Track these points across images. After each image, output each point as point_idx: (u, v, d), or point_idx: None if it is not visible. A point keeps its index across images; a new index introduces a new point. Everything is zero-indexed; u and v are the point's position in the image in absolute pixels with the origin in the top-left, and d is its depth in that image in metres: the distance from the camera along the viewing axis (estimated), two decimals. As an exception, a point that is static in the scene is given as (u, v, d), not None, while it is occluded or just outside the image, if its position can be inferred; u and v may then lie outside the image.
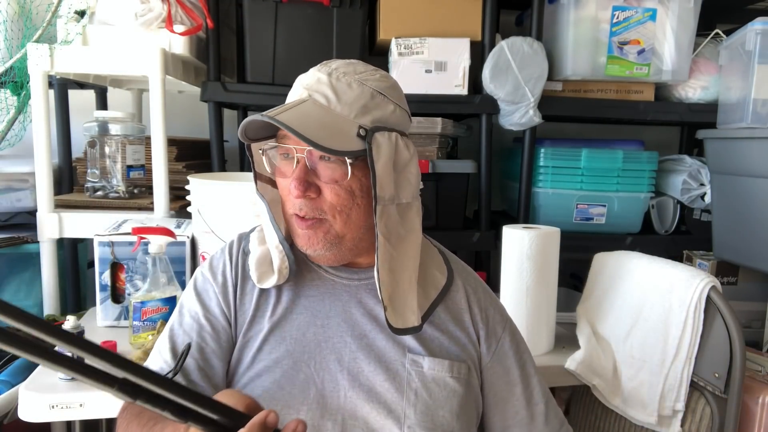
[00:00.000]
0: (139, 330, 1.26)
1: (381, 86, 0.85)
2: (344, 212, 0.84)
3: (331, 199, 0.83)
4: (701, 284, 1.17)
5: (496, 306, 0.97)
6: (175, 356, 0.87)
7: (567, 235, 1.44)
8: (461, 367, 0.89)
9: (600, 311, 1.41)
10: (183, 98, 2.10)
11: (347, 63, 0.87)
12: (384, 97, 0.85)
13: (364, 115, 0.83)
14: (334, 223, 0.84)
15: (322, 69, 0.86)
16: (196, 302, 0.91)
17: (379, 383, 0.85)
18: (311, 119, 0.80)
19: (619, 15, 1.73)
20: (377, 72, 0.88)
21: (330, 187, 0.83)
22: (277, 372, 0.85)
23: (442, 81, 1.71)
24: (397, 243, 0.86)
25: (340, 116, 0.82)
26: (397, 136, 0.86)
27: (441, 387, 0.87)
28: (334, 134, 0.80)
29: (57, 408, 1.06)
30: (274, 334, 0.88)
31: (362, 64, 0.88)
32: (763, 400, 1.15)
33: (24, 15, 1.63)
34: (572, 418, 1.49)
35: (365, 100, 0.84)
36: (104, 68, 1.58)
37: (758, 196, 1.48)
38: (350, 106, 0.83)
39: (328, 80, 0.84)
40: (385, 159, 0.82)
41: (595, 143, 1.87)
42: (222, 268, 0.93)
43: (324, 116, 0.82)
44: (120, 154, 1.68)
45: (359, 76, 0.85)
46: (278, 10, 1.67)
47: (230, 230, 1.33)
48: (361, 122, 0.82)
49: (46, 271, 1.60)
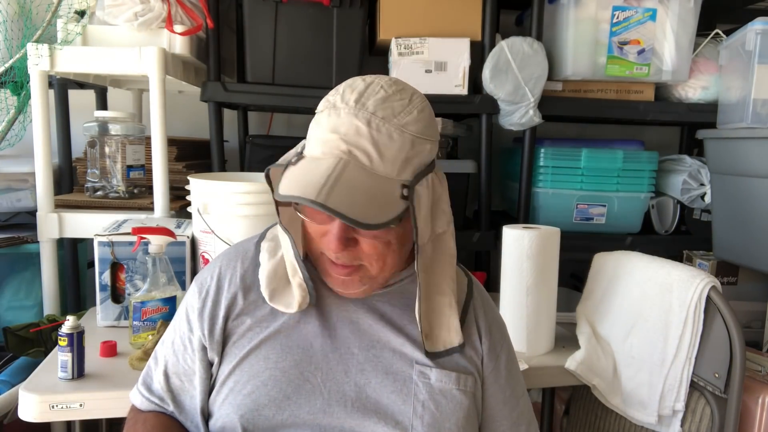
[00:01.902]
0: (139, 330, 1.26)
1: (419, 127, 0.80)
2: (381, 259, 0.83)
3: (368, 250, 0.81)
4: (701, 284, 1.17)
5: (498, 323, 0.97)
6: (166, 378, 0.92)
7: (567, 235, 1.44)
8: (468, 379, 0.89)
9: (600, 311, 1.41)
10: (183, 98, 2.10)
11: (383, 100, 0.79)
12: (423, 140, 0.80)
13: (405, 168, 0.79)
14: (371, 268, 0.83)
15: (360, 114, 0.78)
16: (184, 321, 0.92)
17: (386, 395, 0.86)
18: (358, 192, 0.75)
19: (619, 15, 1.73)
20: (413, 106, 0.81)
21: (368, 241, 0.81)
22: (283, 382, 0.85)
23: (442, 81, 1.71)
24: (433, 271, 0.87)
25: (384, 178, 0.78)
26: (434, 177, 0.84)
27: (448, 399, 0.87)
28: (380, 205, 0.76)
29: (57, 408, 1.06)
30: (281, 342, 0.87)
31: (397, 98, 0.81)
32: (763, 400, 1.15)
33: (24, 15, 1.63)
34: (572, 418, 1.49)
35: (406, 152, 0.79)
36: (104, 68, 1.58)
37: (758, 196, 1.48)
38: (392, 162, 0.78)
39: (368, 133, 0.77)
40: (425, 209, 0.82)
41: (595, 143, 1.87)
42: (213, 282, 0.92)
43: (368, 182, 0.77)
44: (120, 154, 1.68)
45: (398, 119, 0.78)
46: (278, 10, 1.67)
47: (230, 230, 1.33)
48: (402, 178, 0.79)
49: (46, 271, 1.60)
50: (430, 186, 0.83)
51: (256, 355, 0.87)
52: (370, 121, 0.77)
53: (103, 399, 1.07)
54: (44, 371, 1.15)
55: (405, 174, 0.79)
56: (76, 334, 1.10)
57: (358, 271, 0.83)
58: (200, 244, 1.39)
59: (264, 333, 0.88)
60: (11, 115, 1.68)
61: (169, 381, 0.92)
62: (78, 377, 1.11)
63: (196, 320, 0.90)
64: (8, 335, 1.42)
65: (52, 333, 1.43)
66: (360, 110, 0.78)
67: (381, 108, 0.78)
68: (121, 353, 1.24)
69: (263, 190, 1.31)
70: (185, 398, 0.91)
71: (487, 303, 0.97)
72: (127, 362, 1.17)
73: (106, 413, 1.08)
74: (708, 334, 1.17)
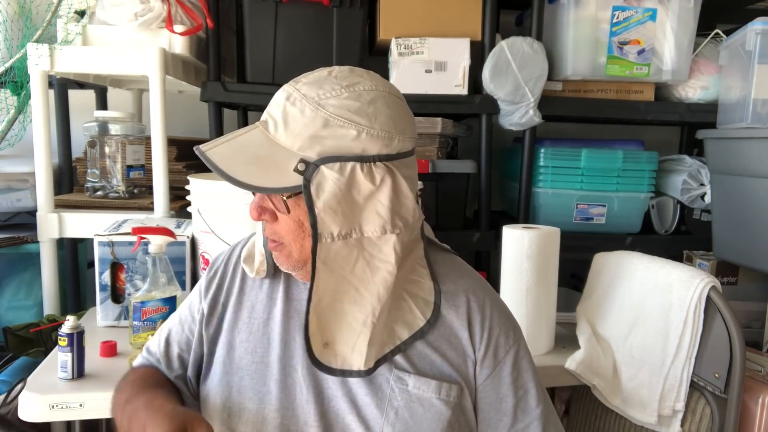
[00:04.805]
0: (139, 330, 1.26)
1: (342, 111, 0.77)
2: (297, 241, 0.82)
3: (283, 226, 0.83)
4: (701, 284, 1.17)
5: (503, 328, 0.88)
6: (167, 345, 0.97)
7: (567, 235, 1.44)
8: (451, 388, 0.83)
9: (600, 311, 1.41)
10: (183, 98, 2.10)
11: (320, 79, 0.80)
12: (344, 121, 0.77)
13: (312, 146, 0.77)
14: (293, 249, 0.83)
15: (289, 86, 0.80)
16: (195, 293, 0.98)
17: (360, 396, 0.83)
18: (245, 152, 0.78)
19: (619, 15, 1.73)
20: (351, 88, 0.79)
21: (281, 216, 0.82)
22: (265, 372, 0.86)
23: (442, 81, 1.71)
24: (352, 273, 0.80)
25: (282, 148, 0.78)
26: (356, 166, 0.78)
27: (426, 408, 0.82)
28: (266, 169, 0.77)
29: (57, 408, 1.06)
30: (263, 334, 0.88)
31: (339, 78, 0.80)
32: (763, 400, 1.15)
33: (24, 15, 1.63)
34: (572, 418, 1.49)
35: (315, 129, 0.77)
36: (104, 68, 1.58)
37: (758, 196, 1.48)
38: (296, 136, 0.78)
39: (283, 104, 0.79)
40: (329, 195, 0.77)
41: (595, 143, 1.87)
42: (219, 261, 0.97)
43: (262, 148, 0.78)
44: (120, 154, 1.68)
45: (320, 98, 0.77)
46: (278, 10, 1.67)
47: (230, 230, 1.33)
48: (305, 155, 0.77)
49: (46, 271, 1.60)
50: (349, 175, 0.78)
51: (239, 338, 0.90)
52: (291, 95, 0.79)
53: (103, 399, 1.07)
54: (44, 371, 1.15)
55: (309, 151, 0.77)
56: (76, 334, 1.10)
57: (283, 249, 0.84)
58: (200, 244, 1.39)
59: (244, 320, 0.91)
60: (11, 115, 1.68)
61: (169, 348, 0.96)
62: (78, 377, 1.11)
63: (203, 292, 0.94)
64: (8, 335, 1.42)
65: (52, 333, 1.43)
66: (290, 85, 0.81)
67: (308, 86, 0.79)
68: (121, 353, 1.24)
69: (263, 190, 1.32)
70: (178, 365, 0.96)
71: (491, 308, 0.88)
72: (127, 362, 1.17)
73: (106, 413, 1.08)
74: (708, 334, 1.17)
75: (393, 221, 0.80)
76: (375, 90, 0.80)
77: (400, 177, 0.81)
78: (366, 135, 0.78)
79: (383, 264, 0.80)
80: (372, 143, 0.79)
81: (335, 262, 0.79)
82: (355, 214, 0.79)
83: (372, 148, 0.79)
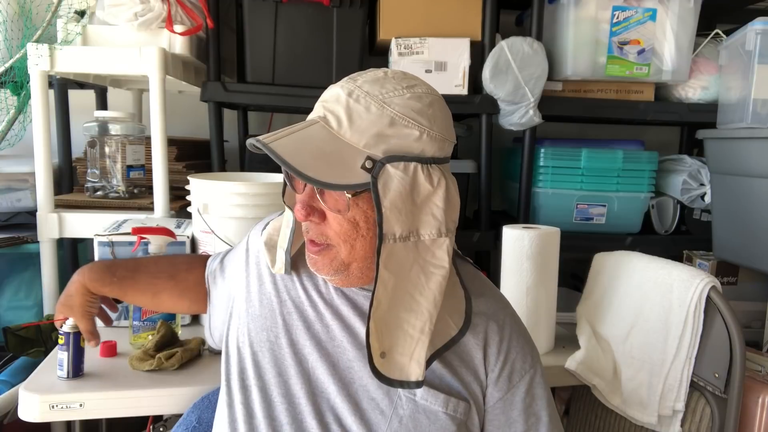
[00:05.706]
0: (139, 330, 1.26)
1: (407, 109, 0.77)
2: (348, 242, 0.80)
3: (334, 227, 0.80)
4: (701, 284, 1.17)
5: (521, 353, 0.86)
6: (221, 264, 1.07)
7: (567, 235, 1.44)
8: (459, 404, 0.82)
9: (600, 311, 1.41)
10: (183, 98, 2.10)
11: (379, 78, 0.79)
12: (409, 121, 0.77)
13: (377, 144, 0.76)
14: (340, 251, 0.81)
15: (347, 84, 0.79)
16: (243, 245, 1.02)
17: (366, 399, 0.82)
18: (310, 147, 0.75)
19: (619, 15, 1.73)
20: (411, 90, 0.79)
21: (333, 216, 0.79)
22: (279, 357, 0.87)
23: (442, 81, 1.71)
24: (408, 278, 0.78)
25: (348, 144, 0.76)
26: (418, 167, 0.77)
27: (431, 420, 0.81)
28: (332, 165, 0.74)
29: (57, 408, 1.06)
30: (285, 320, 0.89)
31: (397, 79, 0.80)
32: (763, 400, 1.15)
33: (24, 15, 1.63)
34: (572, 418, 1.49)
35: (381, 127, 0.76)
36: (104, 68, 1.58)
37: (758, 196, 1.48)
38: (362, 133, 0.76)
39: (346, 101, 0.77)
40: (395, 194, 0.75)
41: (595, 143, 1.87)
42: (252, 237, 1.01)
43: (328, 143, 0.76)
44: (120, 154, 1.68)
45: (384, 96, 0.77)
46: (278, 10, 1.67)
47: (230, 230, 1.33)
48: (371, 152, 0.76)
49: (46, 271, 1.60)
50: (411, 174, 0.77)
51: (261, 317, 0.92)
52: (352, 92, 0.77)
53: (103, 399, 1.07)
54: (44, 371, 1.15)
55: (375, 149, 0.76)
56: (73, 333, 1.10)
57: (328, 252, 0.81)
58: (200, 244, 1.39)
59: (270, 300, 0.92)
60: (11, 115, 1.68)
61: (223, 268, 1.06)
62: (74, 376, 1.11)
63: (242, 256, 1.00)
64: (8, 335, 1.42)
65: (52, 333, 1.43)
66: (348, 82, 0.79)
67: (370, 84, 0.78)
68: (121, 353, 1.23)
69: (263, 190, 1.32)
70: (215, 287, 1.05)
71: (511, 330, 0.87)
72: (127, 362, 1.17)
73: (106, 413, 1.08)
74: (708, 334, 1.17)
75: (447, 224, 0.80)
76: (431, 94, 0.81)
77: (450, 181, 0.82)
78: (426, 137, 0.78)
79: (437, 269, 0.79)
80: (430, 145, 0.79)
81: (394, 264, 0.77)
82: (414, 215, 0.78)
83: (429, 150, 0.79)
